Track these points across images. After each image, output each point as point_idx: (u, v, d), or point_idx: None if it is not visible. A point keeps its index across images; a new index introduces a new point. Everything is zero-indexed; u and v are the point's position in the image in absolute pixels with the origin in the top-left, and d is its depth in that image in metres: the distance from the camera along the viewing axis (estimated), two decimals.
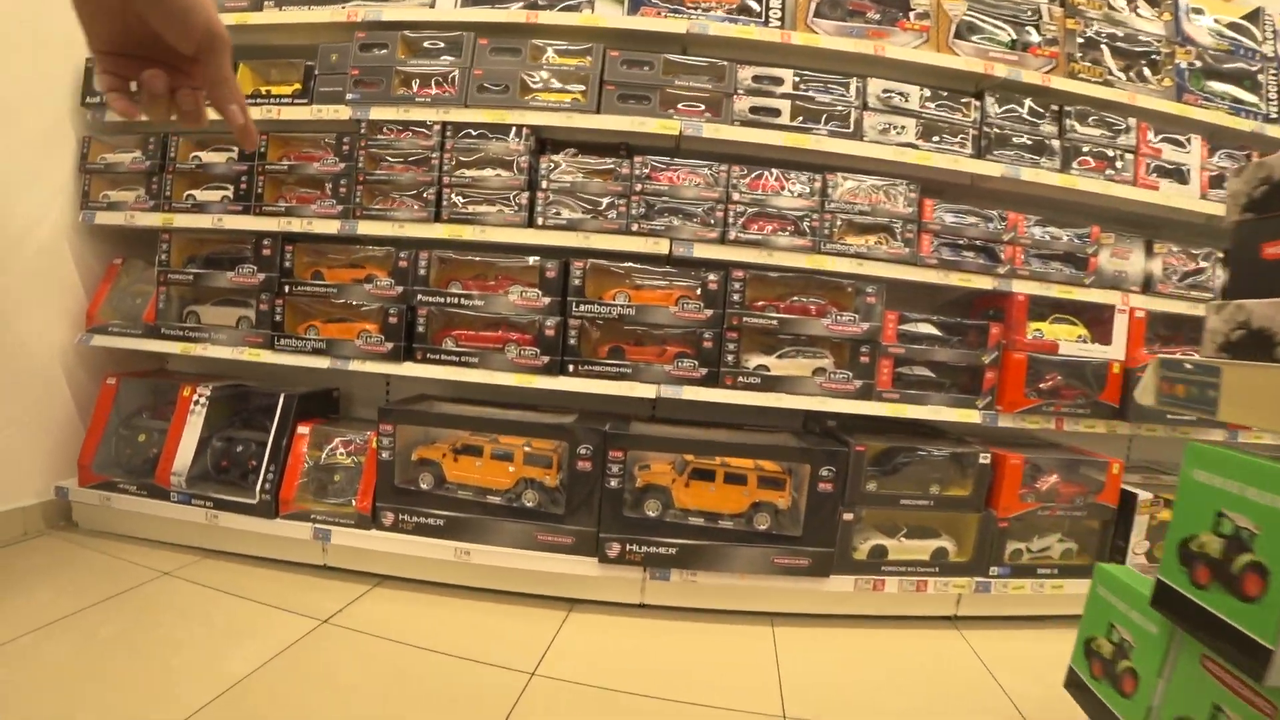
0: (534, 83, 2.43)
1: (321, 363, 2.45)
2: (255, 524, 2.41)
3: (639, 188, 2.37)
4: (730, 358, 2.37)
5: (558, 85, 2.42)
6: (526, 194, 2.39)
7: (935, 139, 2.49)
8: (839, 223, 2.44)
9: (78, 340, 2.73)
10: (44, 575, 2.26)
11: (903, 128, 2.47)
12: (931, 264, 2.45)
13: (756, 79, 2.42)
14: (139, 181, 2.73)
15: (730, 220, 2.38)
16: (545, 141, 2.54)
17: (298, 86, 2.59)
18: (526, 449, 2.34)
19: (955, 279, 2.46)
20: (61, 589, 2.14)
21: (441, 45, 2.49)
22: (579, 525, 2.27)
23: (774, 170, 2.43)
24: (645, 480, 2.32)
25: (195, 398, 2.58)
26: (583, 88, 2.40)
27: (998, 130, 2.50)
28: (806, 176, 2.43)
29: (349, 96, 2.49)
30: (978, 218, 2.52)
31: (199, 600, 2.17)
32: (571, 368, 2.36)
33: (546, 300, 2.37)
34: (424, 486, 2.37)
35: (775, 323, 2.38)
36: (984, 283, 2.46)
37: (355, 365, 2.43)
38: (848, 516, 2.32)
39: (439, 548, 2.30)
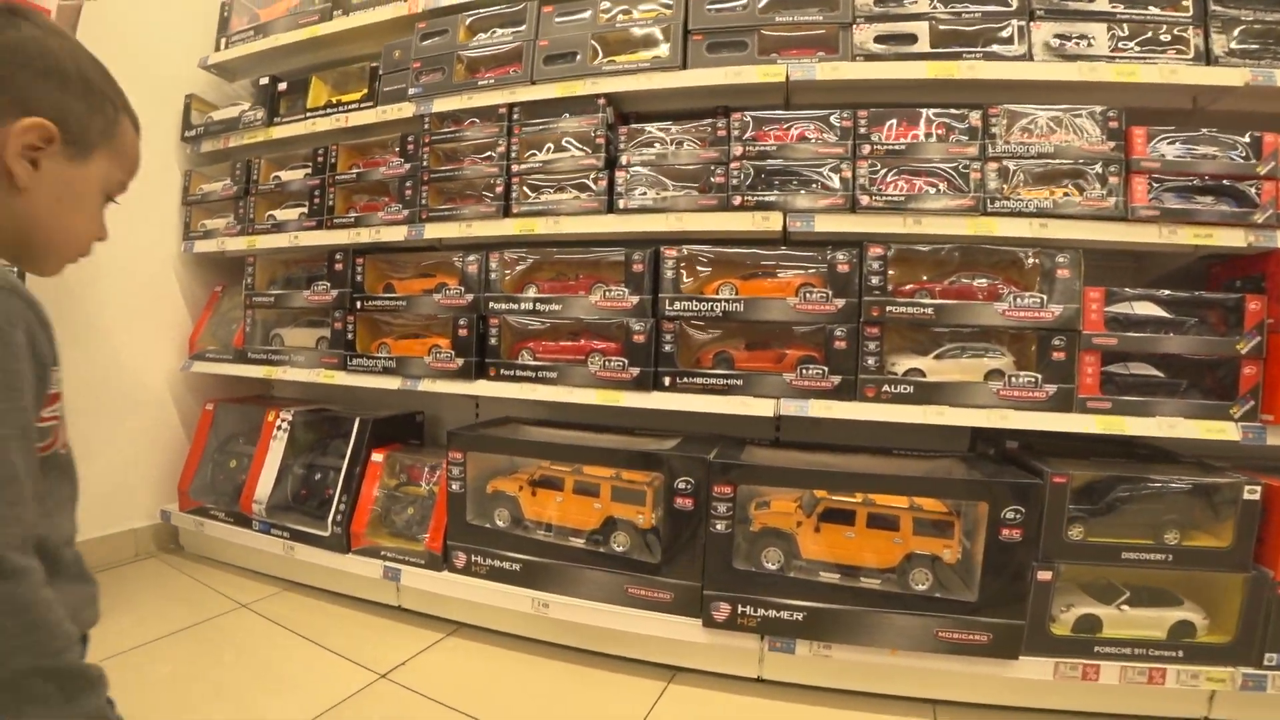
0: (607, 45, 2.05)
1: (392, 383, 2.21)
2: (327, 558, 2.21)
3: (739, 151, 1.90)
4: (871, 361, 1.81)
5: (637, 41, 2.02)
6: (605, 175, 2.01)
7: (1136, 45, 1.79)
8: (1011, 172, 1.81)
9: (181, 367, 2.74)
10: (134, 600, 2.23)
11: (1087, 38, 1.80)
12: (1149, 217, 1.75)
13: (880, 1, 1.87)
14: (229, 208, 2.71)
15: (862, 181, 1.84)
16: (626, 116, 2.15)
17: (365, 92, 2.41)
18: (615, 482, 1.93)
19: (1186, 236, 1.73)
20: (143, 618, 2.08)
21: (503, 20, 2.20)
22: (679, 578, 1.81)
23: (918, 111, 1.86)
24: (763, 522, 1.82)
25: (278, 423, 2.45)
26: (663, 49, 1.98)
27: (1228, 17, 1.75)
28: (961, 115, 1.84)
29: (411, 92, 2.27)
30: (1214, 147, 1.78)
31: (264, 639, 2.01)
32: (667, 381, 1.93)
33: (634, 299, 1.95)
34: (499, 524, 2.03)
35: (930, 312, 1.79)
36: (1230, 239, 1.71)
37: (425, 385, 2.16)
38: (1044, 575, 1.67)
39: (514, 596, 1.95)
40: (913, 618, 1.69)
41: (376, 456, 2.26)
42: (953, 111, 1.87)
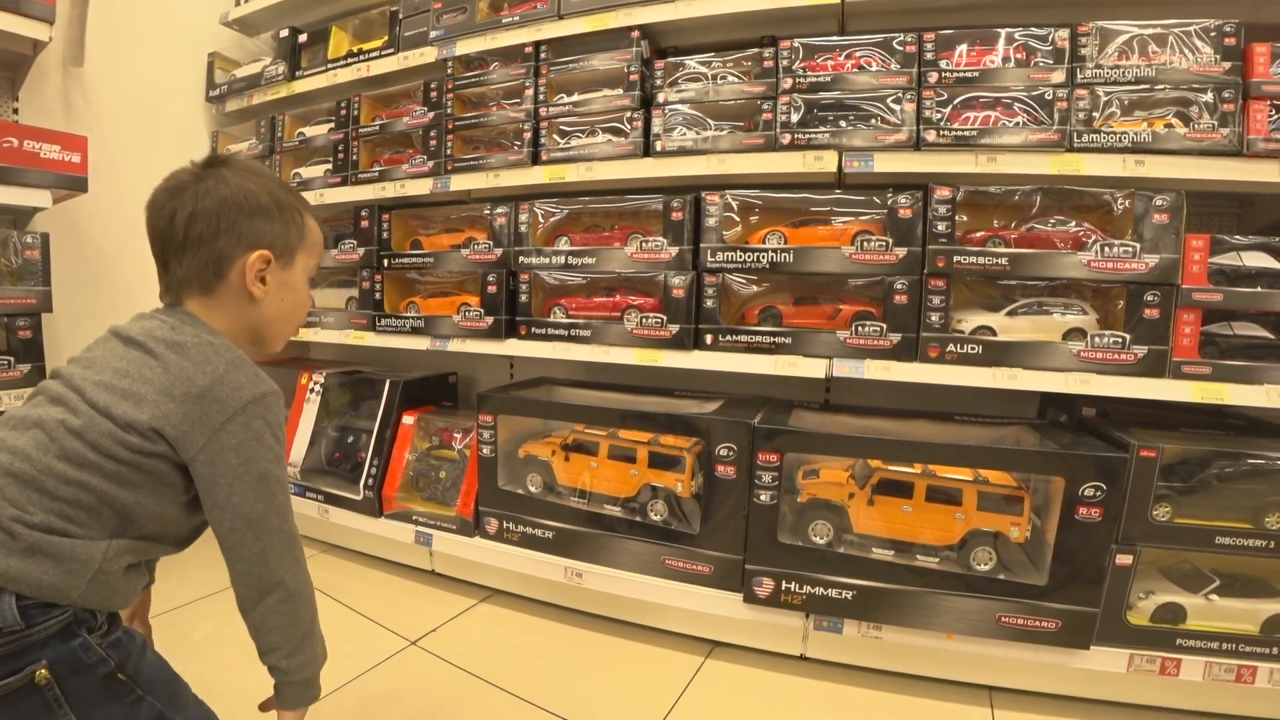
0: None
1: (420, 343, 2.13)
2: (361, 522, 2.17)
3: (789, 83, 1.70)
4: (935, 317, 1.63)
5: None
6: (640, 115, 1.84)
7: None
8: (1102, 100, 1.58)
9: None
10: (178, 561, 2.21)
11: None
12: (1268, 151, 1.50)
13: None
14: None
15: (928, 115, 1.63)
16: (663, 51, 1.97)
17: (386, 39, 2.28)
18: (653, 447, 1.81)
19: None
20: (186, 577, 2.05)
21: None
22: (719, 551, 1.70)
23: (994, 32, 1.63)
24: (811, 493, 1.68)
25: (311, 386, 2.41)
26: None
27: None
28: (1044, 34, 1.60)
29: (433, 35, 2.13)
30: None
31: None
32: (709, 339, 1.78)
33: (673, 250, 1.80)
34: (531, 490, 1.95)
35: (1005, 262, 1.60)
36: None
37: (455, 345, 2.07)
38: (1124, 559, 1.49)
39: (547, 565, 1.87)
40: (973, 600, 1.54)
41: (407, 419, 2.19)
42: (1035, 32, 1.64)
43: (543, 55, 1.97)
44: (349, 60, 2.32)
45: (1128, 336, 1.56)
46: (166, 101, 2.60)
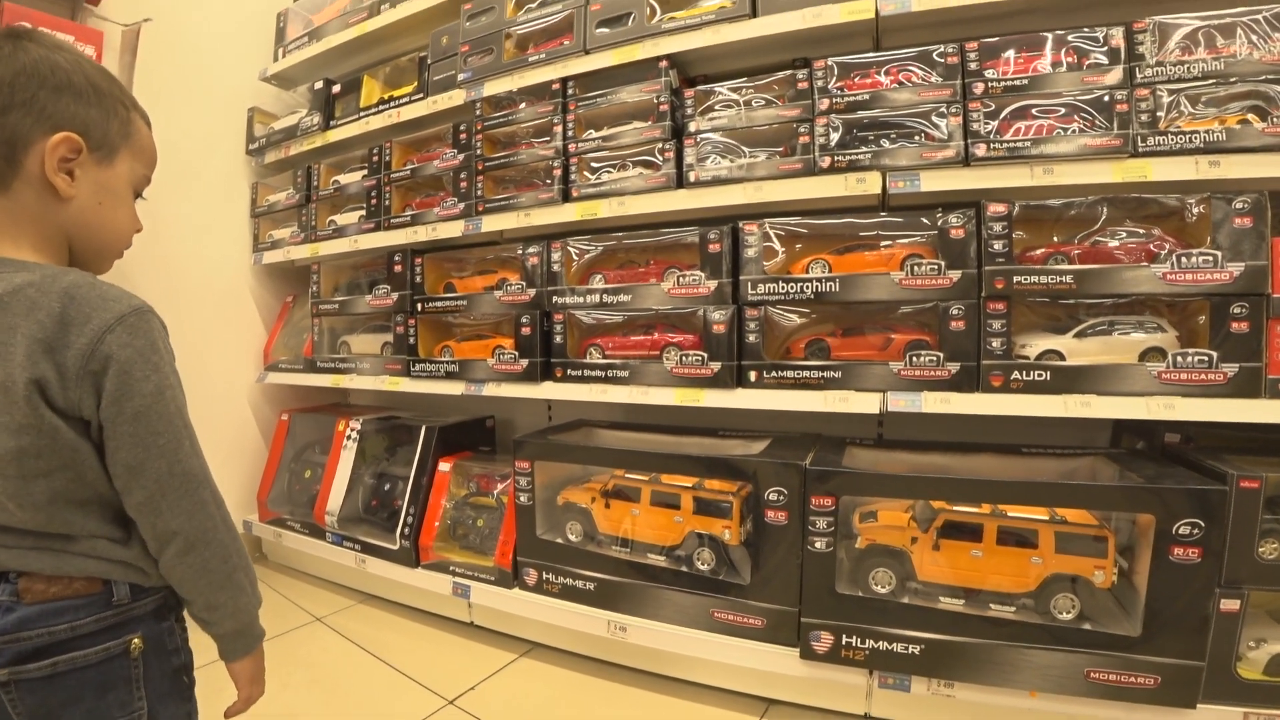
0: (665, 1, 1.83)
1: (455, 388, 2.09)
2: (397, 572, 2.13)
3: (826, 104, 1.63)
4: (996, 343, 1.51)
5: None
6: (672, 146, 1.79)
7: None
8: (1166, 101, 1.46)
9: (257, 379, 2.74)
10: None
11: None
12: None
13: None
14: (293, 217, 2.68)
15: (976, 127, 1.54)
16: (692, 80, 1.92)
17: (415, 84, 2.30)
18: (697, 493, 1.72)
19: None
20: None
21: None
22: (772, 602, 1.58)
23: (1041, 36, 1.53)
24: (870, 538, 1.56)
25: (348, 433, 2.40)
26: (728, 2, 1.74)
27: None
28: (1100, 34, 1.50)
29: (460, 77, 2.13)
30: None
31: (335, 657, 1.95)
32: (753, 375, 1.69)
33: (712, 284, 1.73)
34: (571, 538, 1.86)
35: (1070, 281, 1.47)
36: None
37: (490, 389, 2.02)
38: (1230, 605, 1.33)
39: (589, 618, 1.77)
40: (1057, 654, 1.38)
41: (444, 466, 2.15)
42: (1086, 33, 1.53)
43: (570, 91, 1.94)
44: (380, 107, 2.34)
45: (1214, 354, 1.42)
46: (209, 156, 2.67)
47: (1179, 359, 1.43)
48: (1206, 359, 1.42)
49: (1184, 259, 1.43)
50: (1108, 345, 1.53)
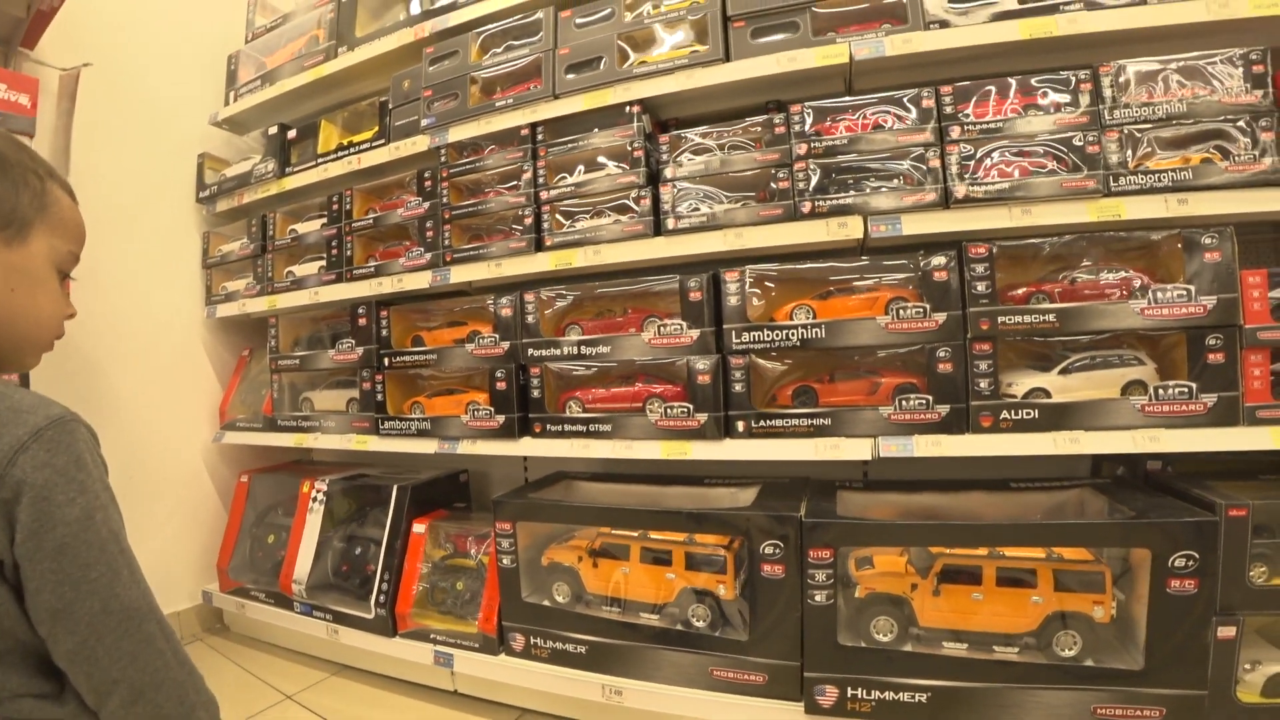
0: (636, 45, 1.81)
1: (428, 446, 1.99)
2: (374, 642, 2.00)
3: (803, 149, 1.62)
4: (984, 384, 1.51)
5: (667, 40, 1.78)
6: (648, 192, 1.76)
7: None
8: (1136, 140, 1.50)
9: (213, 439, 2.59)
10: None
11: None
12: None
13: None
14: (248, 268, 2.55)
15: (954, 170, 1.54)
16: (664, 124, 1.90)
17: (376, 129, 2.23)
18: (689, 548, 1.66)
19: None
20: None
21: (518, 33, 1.98)
22: (773, 657, 1.53)
23: (1011, 79, 1.56)
24: (869, 586, 1.52)
25: (314, 494, 2.27)
26: (700, 46, 1.73)
27: None
28: (1066, 77, 1.54)
29: (424, 123, 2.06)
30: None
31: None
32: (740, 426, 1.65)
33: (694, 334, 1.69)
34: (559, 600, 1.78)
35: (1053, 319, 1.48)
36: None
37: (465, 447, 1.94)
38: (1226, 633, 1.33)
39: (582, 683, 1.69)
40: (1063, 692, 1.37)
41: (418, 527, 2.04)
42: (1052, 77, 1.56)
43: (540, 136, 1.90)
44: (340, 153, 2.26)
45: (1194, 385, 1.44)
46: (157, 204, 2.53)
47: (1161, 391, 1.45)
48: (1187, 390, 1.44)
49: (1160, 293, 1.45)
50: (1091, 380, 1.54)
